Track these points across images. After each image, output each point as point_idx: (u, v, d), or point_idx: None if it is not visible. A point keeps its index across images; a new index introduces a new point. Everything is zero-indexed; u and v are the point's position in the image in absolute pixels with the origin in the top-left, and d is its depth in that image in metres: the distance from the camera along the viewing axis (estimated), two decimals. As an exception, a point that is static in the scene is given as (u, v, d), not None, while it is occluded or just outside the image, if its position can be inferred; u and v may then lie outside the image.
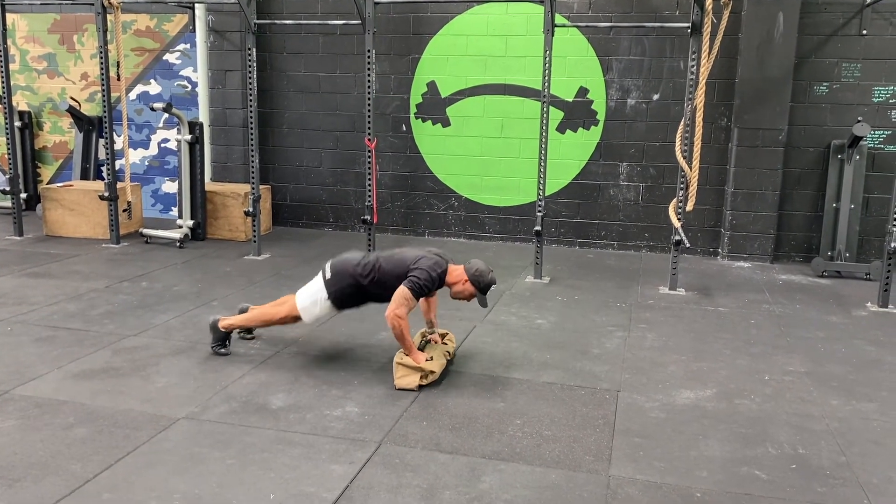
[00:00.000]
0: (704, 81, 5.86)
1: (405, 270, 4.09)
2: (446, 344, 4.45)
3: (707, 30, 5.78)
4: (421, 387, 3.99)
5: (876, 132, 6.93)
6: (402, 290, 4.01)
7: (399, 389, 3.96)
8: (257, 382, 4.06)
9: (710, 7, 5.74)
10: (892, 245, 5.62)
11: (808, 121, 7.05)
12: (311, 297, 4.27)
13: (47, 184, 9.15)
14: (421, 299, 4.24)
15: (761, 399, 3.98)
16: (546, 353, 4.61)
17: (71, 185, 8.03)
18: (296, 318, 4.33)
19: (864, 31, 6.81)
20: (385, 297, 4.11)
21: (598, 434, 3.54)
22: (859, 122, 6.45)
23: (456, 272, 4.17)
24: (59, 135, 9.25)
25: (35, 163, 9.31)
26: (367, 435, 3.47)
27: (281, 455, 3.26)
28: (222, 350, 4.43)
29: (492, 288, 4.18)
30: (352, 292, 4.22)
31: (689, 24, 5.94)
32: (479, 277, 4.11)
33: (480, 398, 3.92)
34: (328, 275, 4.25)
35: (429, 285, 4.06)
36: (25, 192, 8.95)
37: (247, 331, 4.70)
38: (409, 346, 4.06)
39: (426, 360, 4.07)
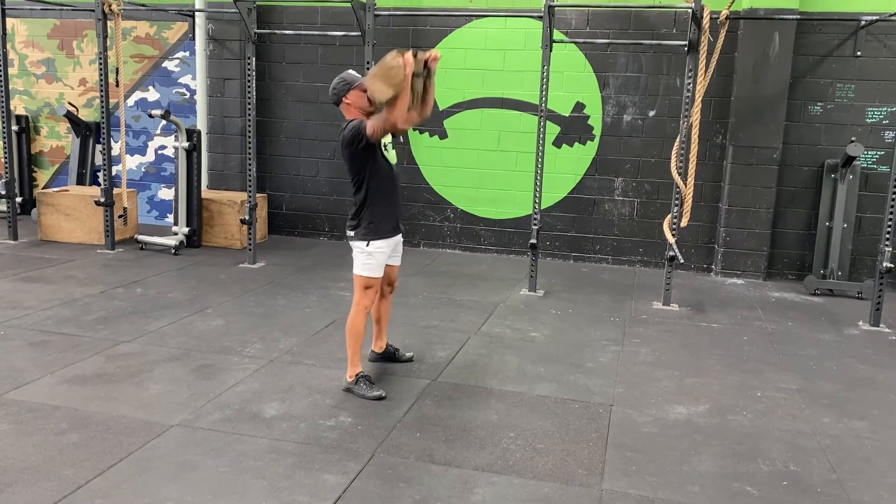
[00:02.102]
0: (700, 99, 5.92)
1: (347, 153, 4.01)
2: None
3: (703, 48, 5.84)
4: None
5: (869, 152, 6.99)
6: (370, 130, 3.82)
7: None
8: (251, 391, 4.06)
9: (707, 26, 5.80)
10: (884, 265, 5.65)
11: (803, 140, 7.11)
12: (359, 258, 4.05)
13: (43, 188, 9.15)
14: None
15: (753, 415, 4.00)
16: (540, 366, 4.63)
17: (67, 190, 8.03)
18: (366, 288, 4.06)
19: (859, 53, 6.88)
20: (382, 186, 4.05)
21: (591, 448, 3.55)
22: (853, 142, 6.51)
23: (345, 109, 4.10)
24: (55, 139, 9.26)
25: (31, 167, 9.30)
26: (361, 445, 3.47)
27: (274, 464, 3.26)
28: (375, 392, 4.01)
29: (349, 71, 4.09)
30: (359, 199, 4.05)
31: (686, 43, 5.99)
32: (337, 90, 4.07)
33: (474, 410, 3.92)
34: (350, 232, 4.09)
35: (356, 124, 3.91)
36: (21, 196, 8.94)
37: (382, 354, 4.55)
38: (398, 105, 3.68)
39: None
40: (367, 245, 4.03)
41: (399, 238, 4.27)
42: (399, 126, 3.82)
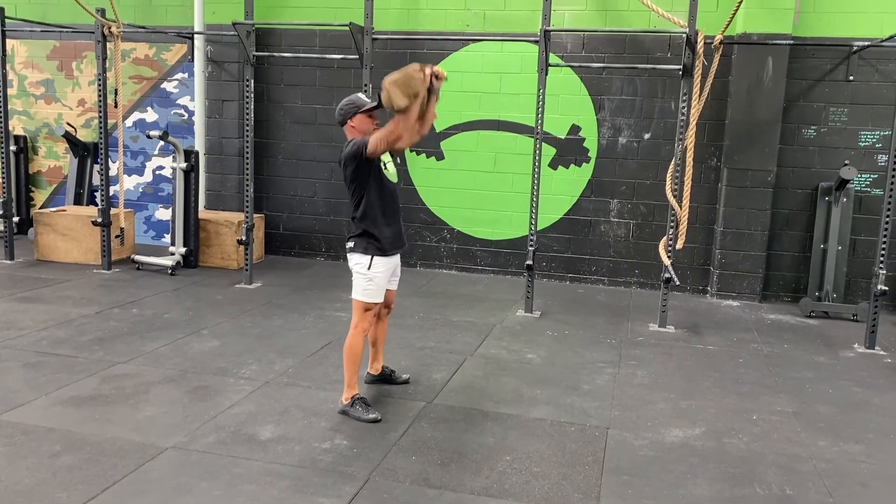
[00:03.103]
0: (695, 122, 5.97)
1: (347, 172, 3.98)
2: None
3: (698, 72, 5.91)
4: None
5: (862, 175, 7.05)
6: (370, 143, 3.85)
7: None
8: (246, 413, 4.04)
9: (701, 50, 5.87)
10: (879, 287, 5.68)
11: (797, 163, 7.17)
12: (359, 282, 4.06)
13: (40, 208, 9.15)
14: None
15: (749, 438, 4.00)
16: (536, 389, 4.62)
17: (64, 210, 8.04)
18: (365, 311, 4.06)
19: (851, 77, 6.96)
20: (384, 209, 4.09)
21: (587, 471, 3.54)
22: (846, 165, 6.56)
23: (349, 131, 4.06)
24: (53, 160, 9.28)
25: (29, 187, 9.32)
26: (356, 468, 3.46)
27: (269, 487, 3.24)
28: (371, 415, 4.00)
29: (359, 95, 4.09)
30: (361, 214, 4.05)
31: (681, 67, 6.06)
32: (343, 111, 4.04)
33: (470, 433, 3.92)
34: (350, 244, 4.09)
35: (359, 142, 3.91)
36: (18, 215, 8.95)
37: (379, 377, 4.55)
38: (406, 116, 3.75)
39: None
40: (370, 266, 4.02)
41: (398, 259, 4.28)
42: (403, 140, 3.85)
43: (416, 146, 8.04)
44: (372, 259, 4.04)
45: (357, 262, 4.08)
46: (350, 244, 4.12)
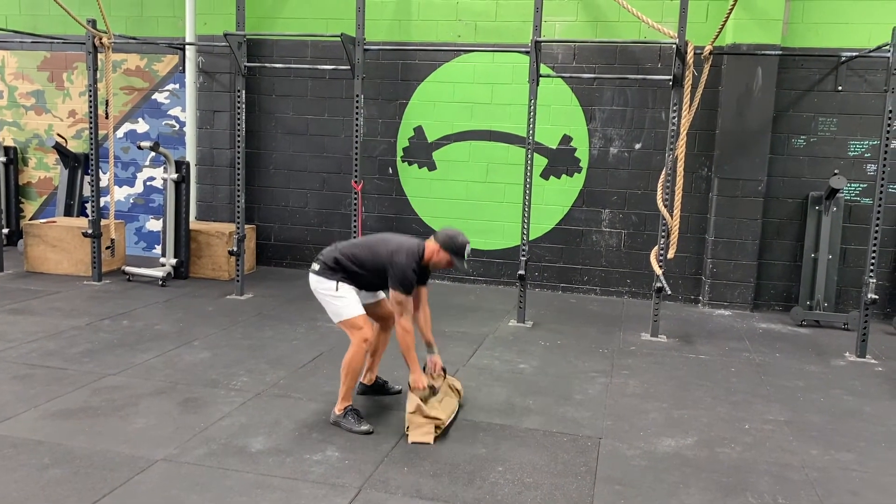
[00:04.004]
0: (685, 132, 6.00)
1: (382, 264, 4.00)
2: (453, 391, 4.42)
3: (688, 82, 5.94)
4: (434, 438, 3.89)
5: (852, 185, 7.09)
6: (392, 295, 3.95)
7: (415, 443, 3.85)
8: (237, 425, 4.02)
9: (691, 61, 5.91)
10: (869, 296, 5.70)
11: (787, 172, 7.21)
12: (332, 304, 4.07)
13: (30, 219, 9.11)
14: (412, 314, 4.13)
15: (742, 448, 4.00)
16: (528, 399, 4.61)
17: (54, 222, 8.00)
18: (358, 331, 4.03)
19: (840, 87, 7.01)
20: (372, 285, 4.10)
21: (579, 482, 3.53)
22: (836, 174, 6.59)
23: (430, 247, 4.08)
24: (44, 171, 9.25)
25: (19, 198, 9.28)
26: (348, 480, 3.44)
27: (260, 499, 3.22)
28: (363, 426, 4.00)
29: (467, 249, 4.06)
30: (350, 272, 4.07)
31: (671, 77, 6.09)
32: (451, 242, 4.02)
33: (462, 444, 3.90)
34: (316, 267, 4.11)
35: (411, 276, 3.94)
36: (8, 227, 8.92)
37: (371, 387, 4.55)
38: (412, 359, 4.00)
39: (433, 405, 4.01)
40: (337, 288, 4.03)
41: None
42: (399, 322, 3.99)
43: (408, 158, 8.05)
44: (338, 284, 4.05)
45: (324, 286, 4.07)
46: (316, 266, 4.11)
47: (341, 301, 4.03)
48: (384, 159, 8.12)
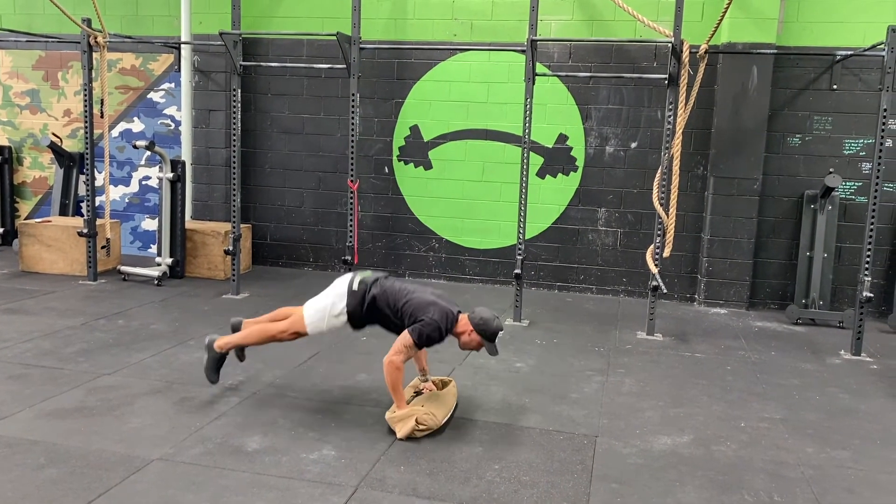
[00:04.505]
0: (681, 131, 6.00)
1: (411, 312, 4.01)
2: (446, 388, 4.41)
3: (684, 81, 5.95)
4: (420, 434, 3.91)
5: (847, 183, 7.11)
6: (405, 337, 3.95)
7: (405, 439, 3.87)
8: (233, 424, 4.02)
9: (687, 59, 5.91)
10: (864, 294, 5.72)
11: (782, 171, 7.22)
12: (322, 310, 4.13)
13: (25, 219, 9.09)
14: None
15: (737, 446, 4.01)
16: (525, 397, 4.62)
17: (49, 221, 7.98)
18: (297, 334, 4.18)
19: (835, 86, 7.03)
20: (392, 327, 4.10)
21: (575, 480, 3.53)
22: (831, 173, 6.61)
23: (462, 322, 4.09)
24: (38, 170, 9.22)
25: (13, 198, 9.25)
26: (344, 479, 3.44)
27: (256, 499, 3.22)
28: (213, 377, 4.30)
29: (500, 334, 4.07)
30: (369, 314, 4.10)
31: (667, 76, 6.10)
32: (485, 326, 4.01)
33: (458, 442, 3.90)
34: (355, 286, 4.12)
35: (435, 337, 3.97)
36: (2, 226, 8.91)
37: (240, 350, 4.53)
38: (399, 397, 3.99)
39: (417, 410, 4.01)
40: (340, 313, 4.11)
41: None
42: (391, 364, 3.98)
43: (404, 157, 8.05)
44: (347, 312, 4.11)
45: (338, 301, 4.13)
46: (355, 286, 4.13)
47: (327, 318, 4.11)
48: (380, 158, 8.12)
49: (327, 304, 4.15)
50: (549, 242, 7.83)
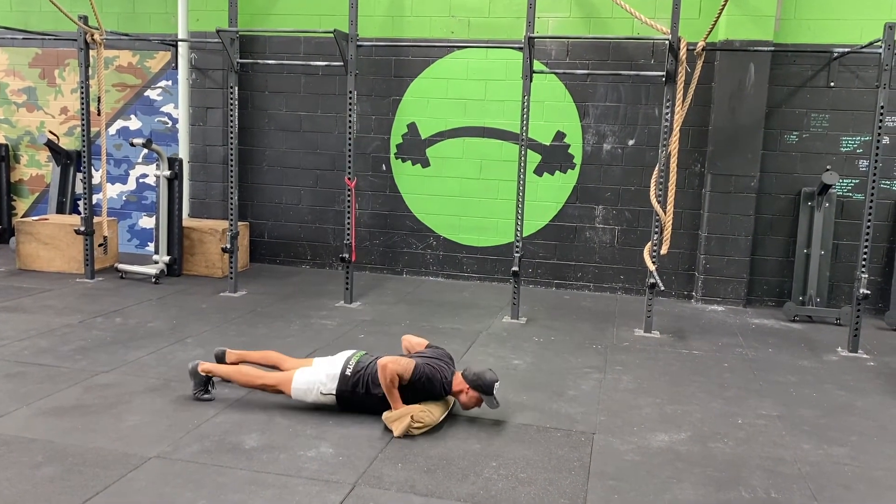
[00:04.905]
0: (678, 128, 6.01)
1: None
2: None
3: (681, 79, 5.95)
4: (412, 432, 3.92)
5: (844, 181, 7.12)
6: (409, 362, 4.00)
7: (403, 437, 3.87)
8: (231, 422, 4.02)
9: (684, 57, 5.92)
10: (861, 291, 5.73)
11: (780, 168, 7.23)
12: (311, 383, 4.14)
13: (22, 217, 9.07)
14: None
15: (734, 442, 4.01)
16: (522, 395, 4.62)
17: (46, 219, 7.97)
18: (281, 393, 4.21)
19: (832, 84, 7.03)
20: (386, 407, 4.06)
21: (573, 477, 3.54)
22: (828, 170, 6.61)
23: (457, 380, 4.13)
24: (36, 168, 9.21)
25: (10, 196, 9.24)
26: (342, 476, 3.44)
27: (254, 496, 3.22)
28: (205, 396, 4.25)
29: (497, 386, 4.07)
30: (363, 398, 4.10)
31: (664, 73, 6.10)
32: (479, 380, 4.04)
33: (456, 440, 3.91)
34: (349, 371, 4.13)
35: (433, 384, 4.03)
36: (0, 224, 8.88)
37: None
38: (395, 398, 3.99)
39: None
40: (330, 397, 4.13)
41: None
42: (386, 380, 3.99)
43: (402, 154, 8.05)
44: (337, 399, 4.13)
45: (325, 386, 4.14)
46: (343, 382, 4.13)
47: (315, 392, 4.14)
48: (378, 156, 8.11)
49: (319, 380, 4.15)
50: (546, 240, 7.83)
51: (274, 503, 3.17)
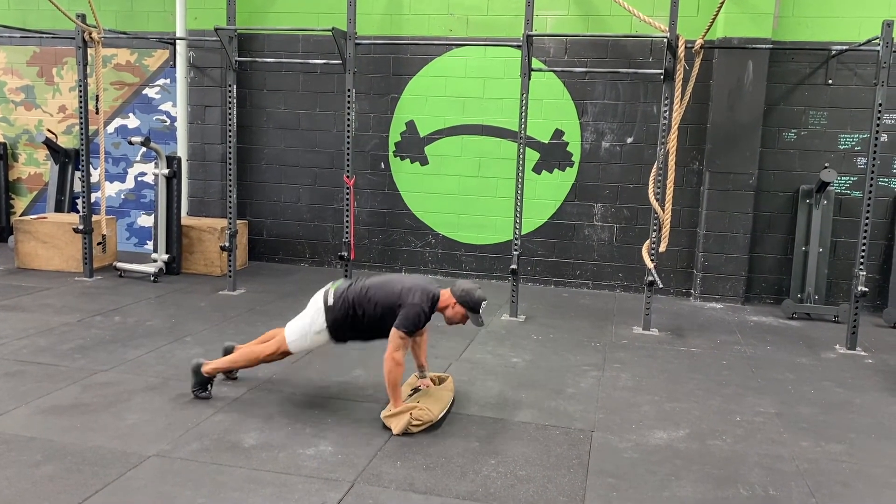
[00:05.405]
0: (677, 126, 6.01)
1: (395, 304, 4.01)
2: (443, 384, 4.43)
3: (679, 76, 5.95)
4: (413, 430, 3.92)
5: (842, 178, 7.12)
6: (395, 332, 3.96)
7: (402, 434, 3.88)
8: (230, 420, 4.02)
9: (682, 54, 5.92)
10: (859, 289, 5.73)
11: (778, 166, 7.23)
12: (302, 328, 4.16)
13: (21, 215, 9.07)
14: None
15: (733, 440, 4.02)
16: (521, 392, 4.63)
17: (45, 218, 7.97)
18: (284, 354, 4.23)
19: (830, 81, 7.04)
20: (377, 331, 4.07)
21: (571, 474, 3.54)
22: (826, 168, 6.62)
23: (445, 296, 4.11)
24: (34, 167, 9.20)
25: (9, 194, 9.23)
26: (341, 474, 3.44)
27: (253, 495, 3.22)
28: (203, 394, 4.25)
29: (484, 304, 4.09)
30: (351, 323, 4.09)
31: (662, 71, 6.10)
32: (467, 296, 4.05)
33: (455, 437, 3.91)
34: (330, 301, 4.13)
35: (420, 320, 3.98)
36: (-2, 223, 8.88)
37: (229, 372, 4.56)
38: (396, 396, 3.99)
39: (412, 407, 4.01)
40: (321, 329, 4.11)
41: None
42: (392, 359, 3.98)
43: (400, 152, 8.05)
44: (328, 328, 4.11)
45: (317, 316, 4.13)
46: (330, 301, 4.12)
47: (309, 335, 4.13)
48: (376, 154, 8.11)
49: (306, 322, 4.17)
50: (545, 238, 7.84)
51: (273, 501, 3.17)
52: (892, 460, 3.84)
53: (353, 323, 4.09)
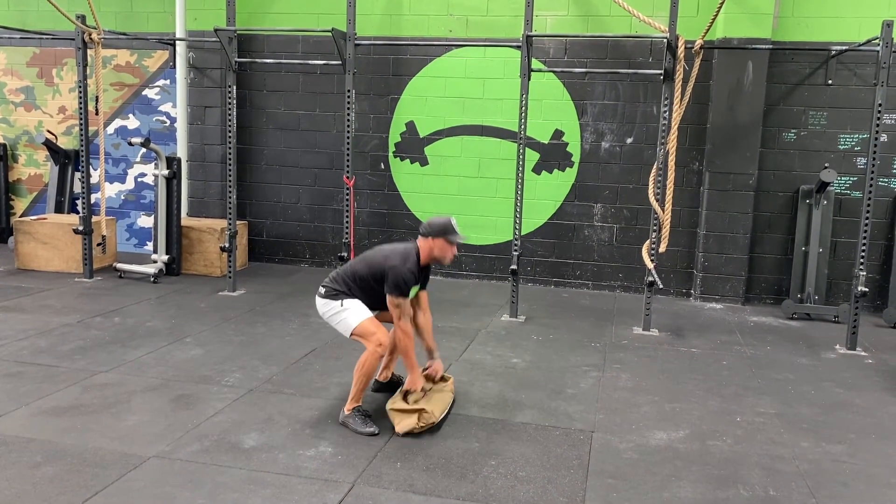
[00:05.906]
0: (677, 126, 6.01)
1: (379, 272, 4.00)
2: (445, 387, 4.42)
3: (679, 77, 5.95)
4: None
5: (842, 178, 7.12)
6: (389, 302, 3.96)
7: (404, 435, 3.88)
8: (230, 421, 4.02)
9: (682, 55, 5.92)
10: (859, 289, 5.73)
11: (778, 166, 7.23)
12: (339, 321, 4.05)
13: (21, 216, 9.07)
14: (413, 325, 4.17)
15: (733, 440, 4.02)
16: (521, 393, 4.63)
17: (45, 219, 7.97)
18: (380, 343, 3.94)
19: (830, 81, 7.04)
20: (375, 301, 4.08)
21: (572, 475, 3.54)
22: (826, 168, 6.62)
23: (422, 245, 4.10)
24: (34, 167, 9.20)
25: (9, 195, 9.23)
26: (341, 475, 3.44)
27: (253, 496, 3.22)
28: (370, 428, 3.92)
29: (453, 221, 4.06)
30: (359, 287, 4.07)
31: (662, 71, 6.09)
32: (434, 227, 4.04)
33: (455, 438, 3.91)
34: (322, 291, 4.10)
35: (407, 280, 3.93)
36: (-2, 224, 8.88)
37: (383, 384, 4.50)
38: (411, 364, 4.02)
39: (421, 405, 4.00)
40: (342, 304, 4.03)
41: None
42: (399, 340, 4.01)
43: (400, 153, 8.05)
44: (342, 300, 4.04)
45: (330, 307, 4.07)
46: (322, 290, 4.10)
47: (346, 312, 4.02)
48: (376, 154, 8.11)
49: (333, 318, 4.08)
50: (545, 238, 7.84)
51: (273, 502, 3.17)
52: (892, 460, 3.84)
53: (360, 288, 4.08)
